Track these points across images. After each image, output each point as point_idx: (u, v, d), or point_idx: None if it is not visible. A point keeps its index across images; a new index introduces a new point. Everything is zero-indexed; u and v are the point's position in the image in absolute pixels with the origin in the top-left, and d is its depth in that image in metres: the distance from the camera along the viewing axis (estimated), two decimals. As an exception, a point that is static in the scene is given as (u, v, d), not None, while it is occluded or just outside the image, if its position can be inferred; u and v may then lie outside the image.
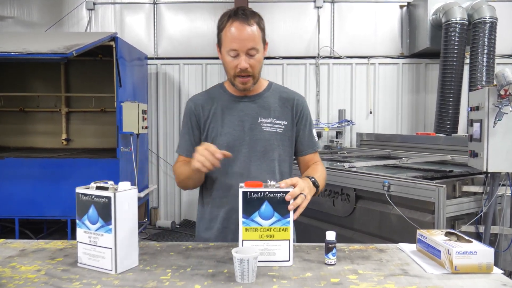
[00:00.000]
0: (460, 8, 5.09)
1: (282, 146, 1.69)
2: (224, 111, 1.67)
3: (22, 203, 4.73)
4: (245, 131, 1.65)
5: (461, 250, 1.25)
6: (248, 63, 1.55)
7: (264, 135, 1.66)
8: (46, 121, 6.27)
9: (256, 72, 1.60)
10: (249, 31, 1.53)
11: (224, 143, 1.63)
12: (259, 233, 1.31)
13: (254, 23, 1.55)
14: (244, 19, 1.53)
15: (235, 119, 1.66)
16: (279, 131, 1.68)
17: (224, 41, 1.57)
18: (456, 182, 2.90)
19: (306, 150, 1.75)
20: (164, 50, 6.30)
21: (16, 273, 1.25)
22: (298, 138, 1.74)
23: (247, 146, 1.64)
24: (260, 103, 1.69)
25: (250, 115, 1.67)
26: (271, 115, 1.68)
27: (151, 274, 1.25)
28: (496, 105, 2.74)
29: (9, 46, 4.47)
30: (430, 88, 6.13)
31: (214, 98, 1.70)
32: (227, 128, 1.65)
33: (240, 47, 1.53)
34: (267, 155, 1.65)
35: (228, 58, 1.57)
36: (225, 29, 1.55)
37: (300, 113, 1.73)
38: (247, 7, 1.60)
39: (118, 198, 1.24)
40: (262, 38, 1.59)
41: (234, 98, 1.69)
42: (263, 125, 1.66)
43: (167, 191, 6.33)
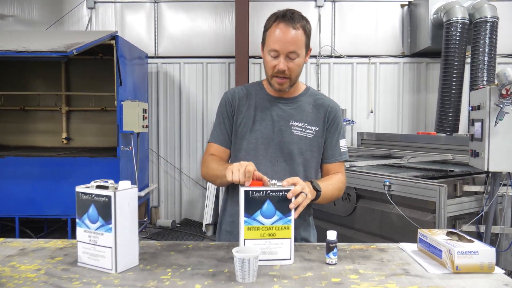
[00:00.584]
0: (461, 8, 5.08)
1: (310, 151, 1.67)
2: (258, 109, 1.67)
3: (23, 202, 4.73)
4: (275, 131, 1.65)
5: (463, 250, 1.24)
6: (287, 65, 1.55)
7: (293, 138, 1.65)
8: (47, 120, 6.27)
9: (293, 75, 1.59)
10: (292, 34, 1.52)
11: (253, 139, 1.64)
12: (261, 232, 1.31)
13: (299, 27, 1.54)
14: (290, 22, 1.53)
15: (267, 118, 1.66)
16: (309, 136, 1.67)
17: (267, 41, 1.57)
18: (457, 182, 2.90)
19: (329, 158, 1.72)
20: (165, 49, 6.29)
21: (15, 272, 1.25)
22: (324, 145, 1.71)
23: (275, 147, 1.64)
24: (295, 107, 1.69)
25: (282, 116, 1.66)
26: (303, 119, 1.67)
27: (152, 273, 1.24)
28: (497, 104, 2.73)
29: (9, 45, 4.47)
30: (431, 88, 6.12)
31: (251, 94, 1.71)
32: (258, 125, 1.65)
33: (281, 49, 1.53)
34: (293, 159, 1.65)
35: (268, 57, 1.57)
36: (270, 29, 1.56)
37: (332, 120, 1.71)
38: (296, 11, 1.58)
39: (118, 197, 1.24)
40: (305, 43, 1.58)
41: (270, 97, 1.69)
42: (293, 129, 1.65)
43: (167, 190, 6.32)
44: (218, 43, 6.23)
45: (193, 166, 6.26)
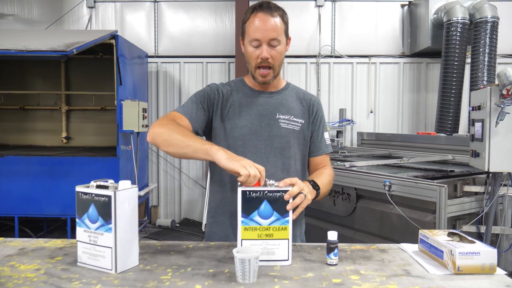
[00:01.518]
0: (461, 8, 5.08)
1: (298, 144, 1.68)
2: (242, 104, 1.66)
3: (22, 201, 4.73)
4: (263, 126, 1.63)
5: (464, 251, 1.24)
6: (270, 54, 1.55)
7: (281, 131, 1.64)
8: (46, 119, 6.27)
9: (276, 64, 1.60)
10: (272, 22, 1.54)
11: (241, 136, 1.62)
12: (258, 232, 1.30)
13: (277, 15, 1.56)
14: (268, 11, 1.55)
15: (253, 112, 1.65)
16: (296, 128, 1.67)
17: (247, 32, 1.58)
18: (457, 182, 2.90)
19: (317, 151, 1.74)
20: (165, 48, 6.28)
21: (15, 272, 1.24)
22: (311, 138, 1.73)
23: (264, 141, 1.62)
24: (279, 100, 1.69)
25: (268, 110, 1.66)
26: (289, 112, 1.67)
27: (151, 273, 1.23)
28: (498, 104, 2.73)
29: (9, 44, 4.46)
30: (431, 88, 6.12)
31: (234, 91, 1.69)
32: (244, 121, 1.63)
33: (263, 37, 1.54)
34: (283, 152, 1.64)
35: (250, 48, 1.57)
36: (249, 20, 1.57)
37: (316, 113, 1.73)
38: (272, 2, 1.60)
39: (118, 197, 1.23)
40: (285, 32, 1.59)
41: (253, 92, 1.69)
42: (280, 122, 1.65)
43: (167, 190, 6.32)
44: (218, 42, 6.22)
45: (193, 166, 6.26)
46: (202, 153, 1.37)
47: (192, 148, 1.39)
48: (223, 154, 1.33)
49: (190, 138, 1.42)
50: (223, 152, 1.34)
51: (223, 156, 1.32)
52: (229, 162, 1.30)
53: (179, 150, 1.43)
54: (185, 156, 1.45)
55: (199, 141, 1.41)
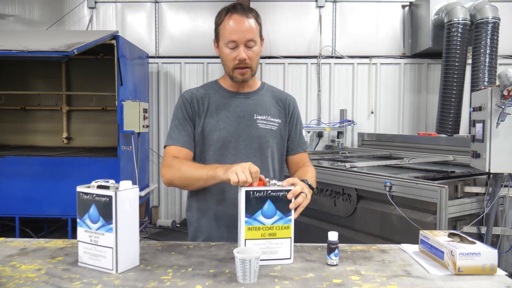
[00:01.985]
0: (462, 8, 5.08)
1: (275, 143, 1.71)
2: (220, 107, 1.67)
3: (23, 201, 4.73)
4: (241, 127, 1.65)
5: (465, 252, 1.24)
6: (247, 54, 1.57)
7: (260, 132, 1.67)
8: (47, 120, 6.27)
9: (254, 64, 1.62)
10: (247, 23, 1.56)
11: (220, 138, 1.63)
12: (262, 232, 1.31)
13: (252, 17, 1.59)
14: (242, 12, 1.57)
15: (231, 114, 1.66)
16: (273, 128, 1.70)
17: (223, 34, 1.59)
18: (458, 183, 2.89)
19: (296, 149, 1.77)
20: (165, 48, 6.29)
21: (16, 272, 1.24)
22: (289, 137, 1.76)
23: (243, 142, 1.64)
24: (256, 100, 1.71)
25: (246, 111, 1.67)
26: (266, 112, 1.70)
27: (152, 273, 1.24)
28: (499, 105, 2.72)
29: (10, 44, 4.47)
30: (431, 88, 6.12)
31: (209, 93, 1.70)
32: (222, 123, 1.64)
33: (239, 38, 1.55)
34: (262, 152, 1.66)
35: (227, 50, 1.58)
36: (224, 23, 1.58)
37: (292, 112, 1.77)
38: (244, 3, 1.64)
39: (119, 197, 1.23)
40: (259, 32, 1.62)
41: (229, 94, 1.70)
42: (259, 122, 1.67)
43: (167, 190, 6.32)
44: (219, 43, 6.21)
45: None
46: (212, 179, 1.46)
47: (203, 179, 1.49)
48: (221, 170, 1.41)
49: (197, 170, 1.52)
50: (220, 168, 1.42)
51: (221, 172, 1.40)
52: (224, 174, 1.38)
53: (195, 185, 1.55)
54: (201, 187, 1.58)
55: (204, 170, 1.49)
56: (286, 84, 6.12)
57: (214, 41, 1.67)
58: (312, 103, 6.11)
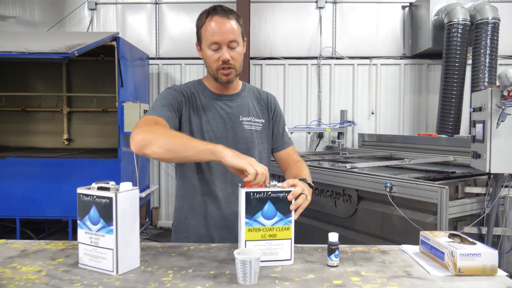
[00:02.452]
0: (462, 9, 5.08)
1: (261, 143, 1.73)
2: (206, 108, 1.67)
3: (23, 203, 4.73)
4: (228, 129, 1.67)
5: (465, 252, 1.24)
6: (230, 55, 1.57)
7: (246, 133, 1.68)
8: (48, 121, 6.28)
9: (237, 65, 1.62)
10: (229, 25, 1.57)
11: (207, 139, 1.63)
12: (262, 233, 1.30)
13: (233, 18, 1.59)
14: (223, 14, 1.57)
15: (217, 116, 1.67)
16: (258, 129, 1.72)
17: (205, 36, 1.59)
18: (458, 183, 2.89)
19: (281, 145, 1.80)
20: (166, 50, 6.30)
21: (16, 273, 1.24)
22: (273, 134, 1.79)
23: (230, 144, 1.62)
24: (240, 102, 1.72)
25: (231, 113, 1.69)
26: (250, 113, 1.72)
27: (153, 275, 1.24)
28: (499, 106, 2.72)
29: (11, 46, 4.48)
30: (432, 89, 6.12)
31: (194, 93, 1.70)
32: (209, 125, 1.65)
33: (222, 40, 1.55)
34: (249, 153, 1.64)
35: (210, 52, 1.59)
36: (205, 25, 1.58)
37: (274, 110, 1.80)
38: (224, 5, 1.64)
39: (119, 198, 1.23)
40: (241, 33, 1.62)
41: (214, 96, 1.70)
42: (244, 124, 1.69)
43: (168, 191, 6.32)
44: (219, 44, 6.22)
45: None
46: (207, 153, 1.33)
47: (195, 150, 1.34)
48: (229, 151, 1.31)
49: (189, 140, 1.38)
50: (228, 150, 1.32)
51: (230, 154, 1.29)
52: (235, 159, 1.28)
53: (179, 155, 1.37)
54: (185, 160, 1.43)
55: (199, 142, 1.39)
56: (287, 85, 6.13)
57: (197, 44, 1.67)
58: (313, 104, 6.11)
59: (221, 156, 1.30)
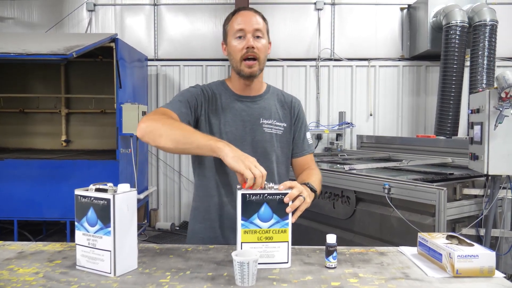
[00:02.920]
0: (460, 11, 5.09)
1: (280, 147, 1.70)
2: (226, 109, 1.66)
3: (21, 205, 4.72)
4: (247, 131, 1.65)
5: (463, 254, 1.24)
6: (255, 44, 1.57)
7: (265, 136, 1.66)
8: (46, 122, 6.27)
9: (262, 56, 1.60)
10: (254, 18, 1.59)
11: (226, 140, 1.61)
12: (258, 235, 1.30)
13: (259, 15, 1.62)
14: (250, 9, 1.62)
15: (237, 118, 1.65)
16: (278, 132, 1.69)
17: (230, 29, 1.60)
18: (456, 185, 2.89)
19: (300, 152, 1.76)
20: (165, 51, 6.30)
21: (14, 275, 1.24)
22: (293, 140, 1.75)
23: (248, 146, 1.63)
24: (262, 104, 1.69)
25: (252, 115, 1.66)
26: (272, 116, 1.69)
27: (150, 277, 1.23)
28: (497, 107, 2.73)
29: (9, 47, 4.47)
30: (430, 91, 6.13)
31: (216, 94, 1.68)
32: (229, 126, 1.64)
33: (247, 27, 1.56)
34: (267, 157, 1.65)
35: (234, 42, 1.58)
36: (232, 20, 1.60)
37: (297, 115, 1.76)
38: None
39: (117, 200, 1.23)
40: (267, 31, 1.63)
41: (236, 97, 1.69)
42: (264, 126, 1.66)
43: (166, 193, 6.32)
44: (217, 46, 6.20)
45: (193, 168, 6.25)
46: (207, 149, 1.33)
47: (195, 144, 1.34)
48: (230, 151, 1.30)
49: (192, 133, 1.37)
50: (229, 148, 1.31)
51: (230, 154, 1.29)
52: (234, 161, 1.28)
53: (179, 146, 1.36)
54: (184, 152, 1.42)
55: (202, 136, 1.37)
56: (285, 86, 6.13)
57: (222, 43, 1.66)
58: (311, 106, 6.11)
59: (221, 154, 1.31)
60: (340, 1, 6.18)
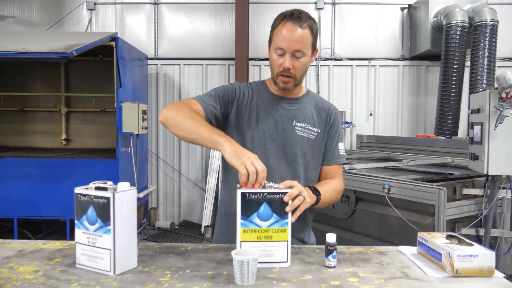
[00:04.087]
0: (461, 11, 5.09)
1: (311, 153, 1.68)
2: (262, 107, 1.66)
3: (21, 203, 4.72)
4: (278, 131, 1.64)
5: (462, 253, 1.24)
6: (292, 64, 1.55)
7: (296, 138, 1.65)
8: (46, 121, 6.27)
9: (298, 75, 1.59)
10: (299, 33, 1.53)
11: (256, 138, 1.62)
12: (258, 234, 1.30)
13: (306, 27, 1.54)
14: (297, 21, 1.54)
15: (271, 117, 1.65)
16: (311, 137, 1.67)
17: (274, 39, 1.58)
18: (456, 185, 2.90)
19: (329, 160, 1.73)
20: (165, 50, 6.29)
21: (13, 273, 1.24)
22: (324, 147, 1.72)
23: (278, 146, 1.63)
24: (298, 107, 1.69)
25: (286, 116, 1.66)
26: (306, 120, 1.68)
27: (150, 275, 1.24)
28: (497, 107, 2.73)
29: (9, 46, 4.47)
30: (430, 91, 6.13)
31: (254, 93, 1.69)
32: (261, 124, 1.64)
33: (287, 47, 1.53)
34: (296, 159, 1.64)
35: (274, 56, 1.57)
36: (277, 28, 1.57)
37: (332, 123, 1.73)
38: (304, 11, 1.60)
39: (117, 198, 1.23)
40: (312, 43, 1.58)
41: (273, 97, 1.69)
42: (296, 129, 1.65)
43: (166, 192, 6.32)
44: (218, 45, 6.23)
45: (192, 168, 6.26)
46: (210, 142, 1.37)
47: (200, 136, 1.39)
48: (229, 146, 1.32)
49: (200, 125, 1.41)
50: (229, 144, 1.33)
51: (228, 149, 1.31)
52: (231, 156, 1.30)
53: (187, 135, 1.43)
54: (193, 142, 1.44)
55: (209, 129, 1.39)
56: (285, 86, 6.12)
57: (268, 43, 1.66)
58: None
59: (221, 149, 1.33)
60: (341, 1, 6.18)
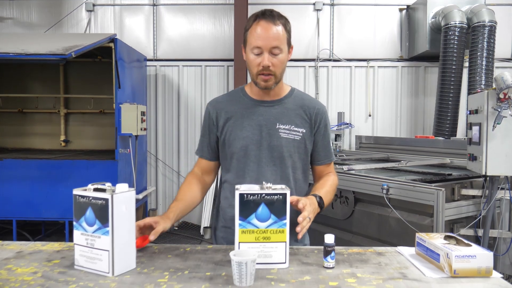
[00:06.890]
0: (459, 12, 5.10)
1: (297, 153, 1.68)
2: (243, 115, 1.67)
3: (20, 205, 4.71)
4: (263, 136, 1.64)
5: (460, 254, 1.24)
6: (271, 61, 1.55)
7: (281, 141, 1.65)
8: (45, 122, 6.26)
9: (278, 72, 1.59)
10: (274, 30, 1.54)
11: (243, 147, 1.64)
12: (256, 235, 1.30)
13: (280, 24, 1.56)
14: (270, 19, 1.55)
15: (253, 123, 1.65)
16: (296, 138, 1.66)
17: (249, 40, 1.58)
18: (455, 186, 2.90)
19: (321, 160, 1.75)
20: (164, 51, 6.30)
21: (12, 275, 1.24)
22: (315, 147, 1.73)
23: (265, 151, 1.64)
24: (280, 109, 1.68)
25: (268, 120, 1.66)
26: (289, 121, 1.67)
27: (149, 276, 1.24)
28: (495, 108, 2.74)
29: (8, 47, 4.46)
30: (429, 91, 6.14)
31: (234, 101, 1.70)
32: (245, 132, 1.64)
33: (264, 45, 1.53)
34: (283, 162, 1.65)
35: (252, 56, 1.57)
36: (251, 28, 1.57)
37: (320, 122, 1.71)
38: (275, 10, 1.60)
39: (115, 200, 1.23)
40: (287, 40, 1.59)
41: (254, 102, 1.69)
42: (280, 132, 1.65)
43: (165, 193, 6.31)
44: (216, 46, 6.24)
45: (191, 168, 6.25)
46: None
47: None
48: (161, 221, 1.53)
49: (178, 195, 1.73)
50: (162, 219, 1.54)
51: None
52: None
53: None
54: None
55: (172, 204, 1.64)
56: (284, 87, 6.13)
57: (242, 46, 1.66)
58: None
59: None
60: (339, 2, 6.19)
